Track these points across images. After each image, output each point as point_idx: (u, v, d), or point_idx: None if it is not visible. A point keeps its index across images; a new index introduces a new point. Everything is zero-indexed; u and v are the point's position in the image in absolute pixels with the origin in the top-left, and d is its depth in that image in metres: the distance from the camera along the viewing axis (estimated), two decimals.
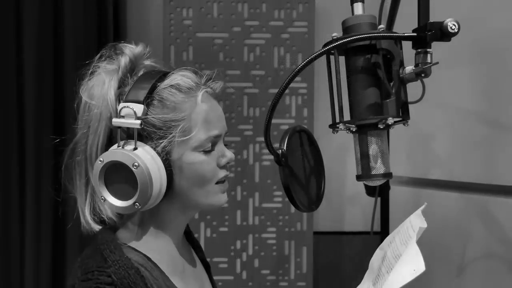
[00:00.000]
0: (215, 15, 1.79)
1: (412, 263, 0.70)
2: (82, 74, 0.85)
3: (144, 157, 0.76)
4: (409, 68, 0.76)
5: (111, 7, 1.91)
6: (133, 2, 2.04)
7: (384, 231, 1.83)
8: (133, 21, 2.03)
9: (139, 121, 0.77)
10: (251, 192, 1.82)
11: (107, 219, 0.82)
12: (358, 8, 0.79)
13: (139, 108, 0.77)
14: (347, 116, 0.79)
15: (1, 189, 1.81)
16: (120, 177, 0.78)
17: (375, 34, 0.74)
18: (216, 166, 0.84)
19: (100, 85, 0.81)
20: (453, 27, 0.70)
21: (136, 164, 0.75)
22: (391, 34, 0.75)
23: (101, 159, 0.77)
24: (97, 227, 0.84)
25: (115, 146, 0.79)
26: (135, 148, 0.77)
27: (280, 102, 0.79)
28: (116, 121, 0.78)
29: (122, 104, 0.78)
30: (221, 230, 1.80)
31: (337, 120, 0.79)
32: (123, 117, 0.77)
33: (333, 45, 0.75)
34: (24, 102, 1.82)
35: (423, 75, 0.74)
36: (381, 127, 0.77)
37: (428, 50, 0.74)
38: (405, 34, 0.75)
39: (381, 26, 0.77)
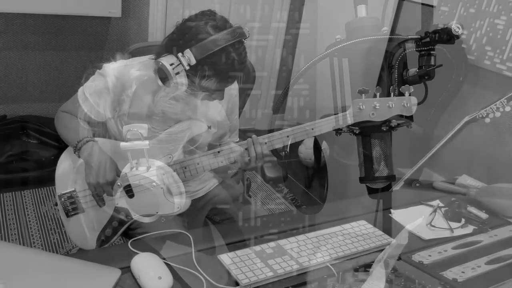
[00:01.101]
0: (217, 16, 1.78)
1: None
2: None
3: (159, 175, 0.74)
4: (412, 70, 0.76)
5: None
6: (135, 2, 2.04)
7: (386, 233, 1.81)
8: (134, 22, 2.03)
9: (147, 142, 0.72)
10: (253, 193, 1.81)
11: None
12: (362, 10, 0.79)
13: (144, 129, 0.74)
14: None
15: None
16: (142, 196, 0.76)
17: (379, 37, 0.74)
18: None
19: (98, 107, 0.80)
20: (457, 29, 0.70)
21: (154, 184, 0.74)
22: (394, 37, 0.75)
23: (119, 183, 0.75)
24: None
25: (128, 166, 0.75)
26: (149, 167, 0.74)
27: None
28: (124, 145, 0.73)
29: (125, 128, 0.75)
30: None
31: (340, 122, 0.79)
32: (130, 139, 0.74)
33: (336, 47, 0.75)
34: None
35: (426, 77, 0.74)
36: (384, 130, 0.76)
37: (432, 52, 0.73)
38: (409, 37, 0.74)
39: (385, 28, 0.77)
